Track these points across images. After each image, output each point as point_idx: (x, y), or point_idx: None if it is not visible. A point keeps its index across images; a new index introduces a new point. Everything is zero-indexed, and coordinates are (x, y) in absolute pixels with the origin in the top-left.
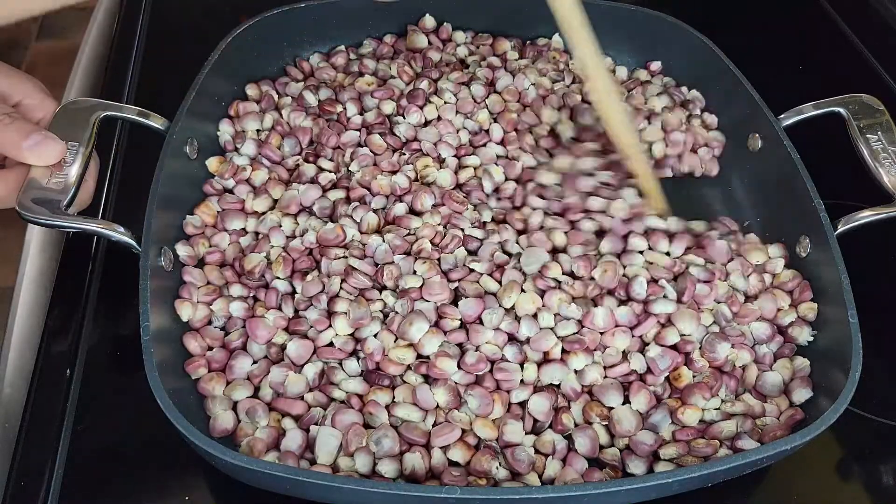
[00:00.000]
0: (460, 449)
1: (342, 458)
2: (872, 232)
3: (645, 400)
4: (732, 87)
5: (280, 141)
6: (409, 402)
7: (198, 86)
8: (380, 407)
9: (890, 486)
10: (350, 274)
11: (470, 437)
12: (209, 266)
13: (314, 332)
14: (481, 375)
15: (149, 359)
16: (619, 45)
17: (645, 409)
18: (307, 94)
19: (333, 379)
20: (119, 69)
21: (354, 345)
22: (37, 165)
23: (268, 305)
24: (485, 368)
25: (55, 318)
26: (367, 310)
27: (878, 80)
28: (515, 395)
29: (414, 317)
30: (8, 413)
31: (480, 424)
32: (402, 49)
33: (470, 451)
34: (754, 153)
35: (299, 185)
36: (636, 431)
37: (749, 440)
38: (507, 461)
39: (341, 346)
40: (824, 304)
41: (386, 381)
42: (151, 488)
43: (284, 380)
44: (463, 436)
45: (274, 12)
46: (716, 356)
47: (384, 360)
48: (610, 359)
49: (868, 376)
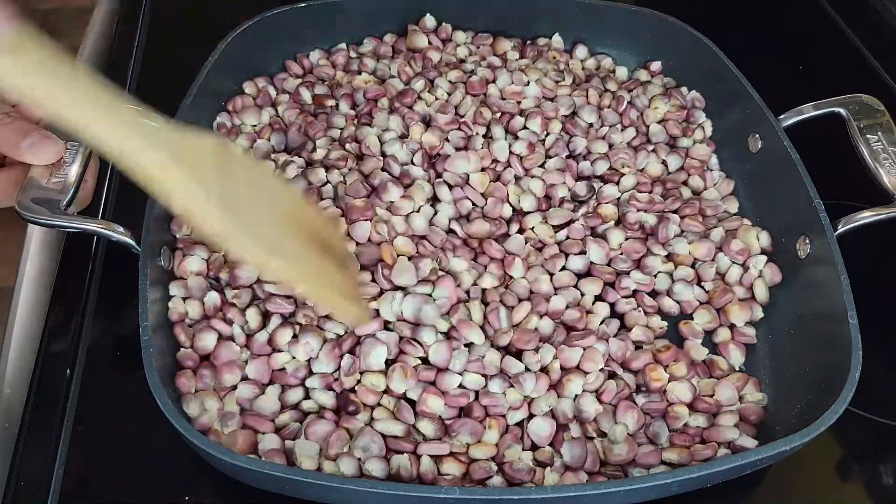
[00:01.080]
0: (454, 463)
1: (326, 463)
2: (872, 232)
3: (634, 419)
4: (732, 87)
5: (270, 133)
6: (389, 419)
7: (198, 85)
8: (358, 422)
9: (890, 486)
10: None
11: (463, 455)
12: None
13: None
14: (468, 406)
15: (148, 359)
16: (618, 45)
17: (634, 429)
18: (303, 90)
19: (292, 400)
20: (119, 69)
21: (306, 372)
22: (36, 165)
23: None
24: (467, 401)
25: (55, 317)
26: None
27: (878, 81)
28: (511, 417)
29: (370, 345)
30: (8, 413)
31: (475, 448)
32: (403, 48)
33: (463, 466)
34: (754, 153)
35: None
36: (629, 458)
37: (748, 439)
38: (504, 474)
39: (293, 372)
40: (824, 305)
41: (352, 408)
42: (151, 488)
43: (254, 397)
44: (456, 455)
45: (274, 12)
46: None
47: (360, 388)
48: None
49: (868, 376)
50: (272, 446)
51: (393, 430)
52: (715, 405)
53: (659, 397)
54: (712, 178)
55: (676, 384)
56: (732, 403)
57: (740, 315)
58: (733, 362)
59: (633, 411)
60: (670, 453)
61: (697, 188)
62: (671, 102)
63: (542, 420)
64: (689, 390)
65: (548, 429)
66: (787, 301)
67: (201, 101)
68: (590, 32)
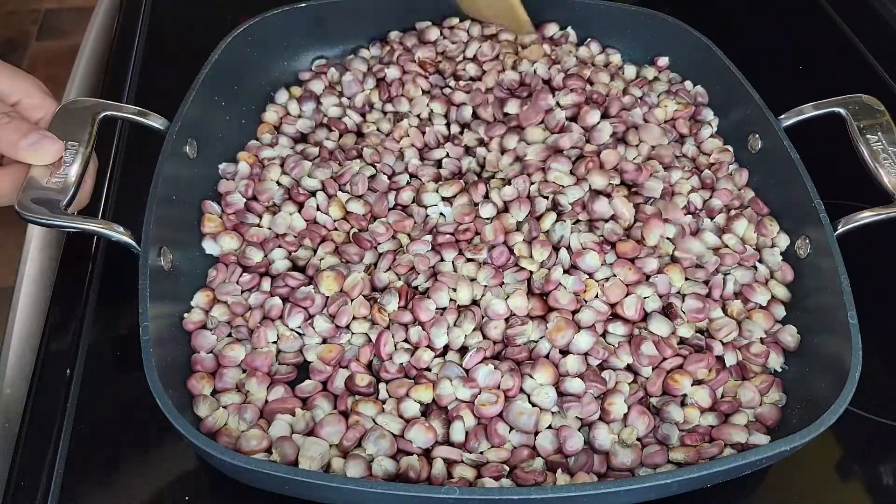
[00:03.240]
0: (466, 467)
1: (334, 461)
2: (872, 232)
3: (645, 424)
4: (732, 87)
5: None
6: (396, 414)
7: (198, 86)
8: (366, 417)
9: (890, 486)
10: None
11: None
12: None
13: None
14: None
15: (148, 359)
16: (619, 46)
17: (645, 433)
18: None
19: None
20: (119, 69)
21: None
22: (35, 165)
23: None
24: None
25: (55, 317)
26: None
27: (878, 81)
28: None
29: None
30: (8, 413)
31: (489, 452)
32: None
33: (475, 471)
34: (754, 153)
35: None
36: (634, 465)
37: (759, 436)
38: (515, 477)
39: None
40: (824, 305)
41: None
42: (151, 488)
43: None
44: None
45: (274, 12)
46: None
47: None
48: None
49: (868, 376)
50: (284, 433)
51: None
52: (733, 405)
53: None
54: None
55: (697, 389)
56: (752, 406)
57: (764, 321)
58: (771, 365)
59: (645, 416)
60: (677, 453)
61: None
62: (677, 100)
63: (549, 433)
64: (709, 395)
65: (555, 442)
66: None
67: (201, 101)
68: (590, 33)
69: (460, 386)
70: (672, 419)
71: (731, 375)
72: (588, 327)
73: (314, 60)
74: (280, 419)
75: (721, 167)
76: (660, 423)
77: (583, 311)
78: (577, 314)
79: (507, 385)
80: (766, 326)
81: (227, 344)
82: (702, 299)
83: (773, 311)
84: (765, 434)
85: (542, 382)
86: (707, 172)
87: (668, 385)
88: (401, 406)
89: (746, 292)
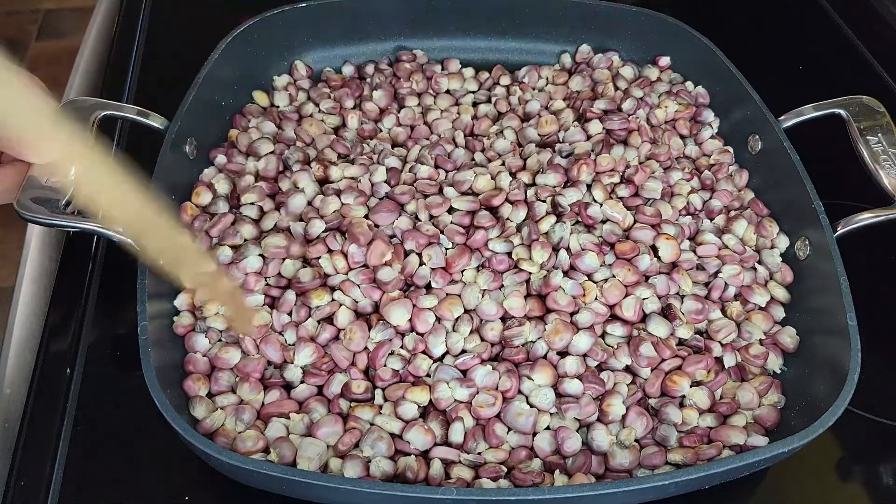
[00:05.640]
0: (464, 468)
1: (332, 461)
2: (872, 233)
3: (643, 425)
4: (732, 88)
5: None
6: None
7: (197, 85)
8: (364, 422)
9: (890, 486)
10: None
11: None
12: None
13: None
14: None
15: (146, 359)
16: (619, 46)
17: (643, 434)
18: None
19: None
20: (119, 69)
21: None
22: (35, 164)
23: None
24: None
25: (55, 317)
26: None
27: (878, 82)
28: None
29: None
30: (8, 413)
31: (488, 453)
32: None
33: (473, 472)
34: (754, 154)
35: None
36: (632, 466)
37: (758, 437)
38: (513, 478)
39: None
40: (824, 306)
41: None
42: (151, 488)
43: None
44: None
45: (274, 12)
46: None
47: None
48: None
49: (868, 376)
50: (280, 434)
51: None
52: (732, 407)
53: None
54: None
55: (696, 390)
56: (751, 407)
57: (763, 322)
58: (770, 366)
59: (643, 417)
60: (676, 454)
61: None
62: (678, 101)
63: (548, 434)
64: (707, 397)
65: (554, 443)
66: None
67: (201, 100)
68: (591, 34)
69: (458, 387)
70: (670, 420)
71: (729, 377)
72: (587, 328)
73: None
74: (277, 421)
75: (721, 168)
76: (658, 425)
77: (581, 312)
78: (576, 315)
79: (504, 386)
80: (765, 328)
81: (221, 347)
82: (701, 300)
83: (773, 312)
84: (764, 435)
85: (540, 384)
86: (707, 173)
87: (666, 386)
88: (398, 408)
89: (746, 293)
